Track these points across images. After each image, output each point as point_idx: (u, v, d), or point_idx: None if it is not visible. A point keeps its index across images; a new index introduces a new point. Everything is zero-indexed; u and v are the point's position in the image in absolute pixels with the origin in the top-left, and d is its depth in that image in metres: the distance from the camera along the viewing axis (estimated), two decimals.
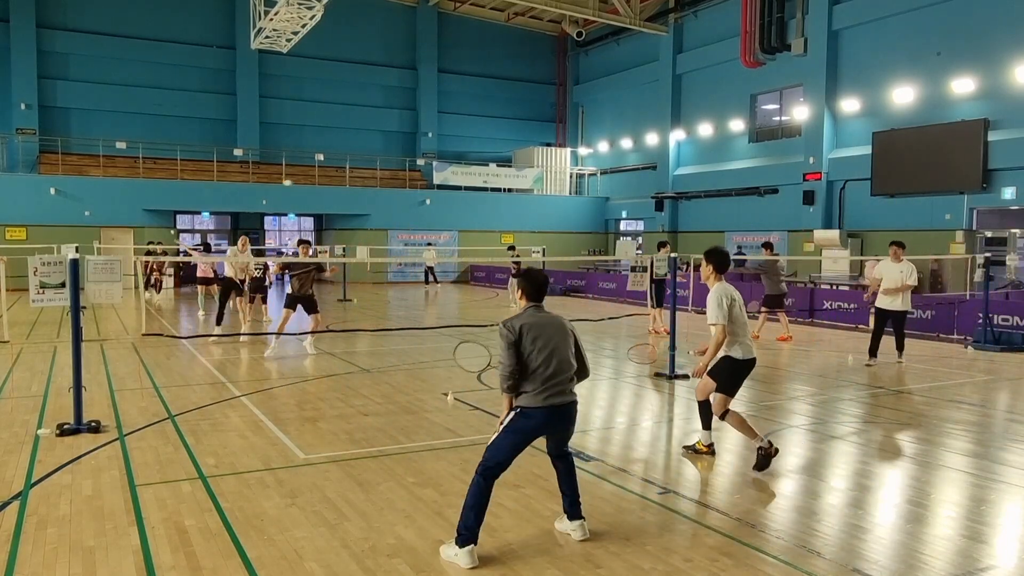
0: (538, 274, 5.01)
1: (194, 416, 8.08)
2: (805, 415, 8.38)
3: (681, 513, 5.33)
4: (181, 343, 13.65)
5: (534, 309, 4.89)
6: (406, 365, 11.61)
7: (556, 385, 4.71)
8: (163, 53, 31.04)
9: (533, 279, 4.94)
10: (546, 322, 4.84)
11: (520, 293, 4.95)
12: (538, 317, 4.85)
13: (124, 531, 4.92)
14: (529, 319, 4.81)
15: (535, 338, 4.73)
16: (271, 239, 35.05)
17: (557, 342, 4.77)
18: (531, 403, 4.68)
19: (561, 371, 4.75)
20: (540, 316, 4.86)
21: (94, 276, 7.83)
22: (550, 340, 4.76)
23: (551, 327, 4.82)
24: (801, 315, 17.97)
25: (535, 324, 4.79)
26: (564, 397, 4.75)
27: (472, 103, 36.93)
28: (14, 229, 25.99)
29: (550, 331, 4.80)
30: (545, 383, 4.68)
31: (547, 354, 4.70)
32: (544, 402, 4.67)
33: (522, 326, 4.73)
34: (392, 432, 7.47)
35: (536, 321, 4.81)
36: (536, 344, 4.72)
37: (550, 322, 4.85)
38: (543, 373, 4.68)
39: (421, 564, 4.45)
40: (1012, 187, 20.38)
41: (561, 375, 4.74)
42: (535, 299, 4.92)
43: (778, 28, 25.69)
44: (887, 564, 4.50)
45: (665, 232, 30.90)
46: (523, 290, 4.93)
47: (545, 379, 4.68)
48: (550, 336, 4.77)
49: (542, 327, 4.79)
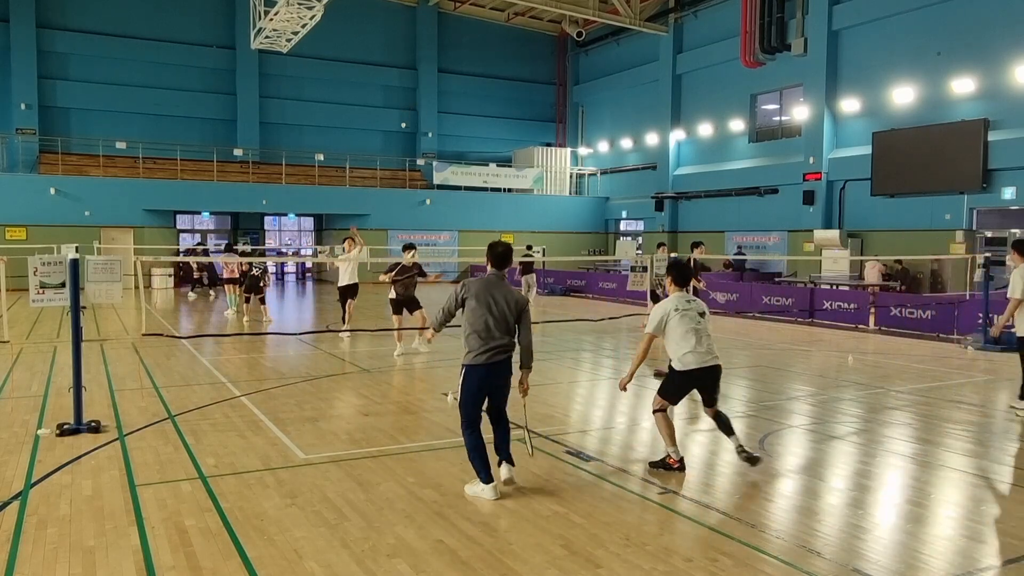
0: (498, 244, 5.86)
1: (194, 416, 8.08)
2: (805, 415, 8.38)
3: (681, 513, 5.33)
4: (181, 343, 13.65)
5: (495, 277, 5.72)
6: (406, 365, 11.61)
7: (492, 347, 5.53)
8: (163, 53, 31.02)
9: (492, 248, 5.83)
10: (497, 291, 5.61)
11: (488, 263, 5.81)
12: (489, 284, 5.65)
13: (124, 531, 4.92)
14: (480, 284, 5.63)
15: (477, 302, 5.57)
16: (271, 239, 35.05)
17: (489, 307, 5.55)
18: (472, 361, 5.58)
19: (492, 335, 5.53)
20: (492, 284, 5.66)
21: (94, 276, 7.83)
22: (487, 305, 5.55)
23: (494, 294, 5.59)
24: (801, 315, 17.97)
25: (483, 290, 5.60)
26: (498, 356, 5.56)
27: (472, 103, 36.92)
28: (14, 229, 25.99)
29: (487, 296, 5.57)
30: (482, 344, 5.53)
31: (482, 317, 5.53)
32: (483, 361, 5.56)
33: (472, 286, 5.63)
34: (392, 432, 7.47)
35: (485, 288, 5.61)
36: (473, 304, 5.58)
37: (496, 290, 5.62)
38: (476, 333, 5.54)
39: (421, 564, 4.45)
40: (1012, 187, 20.38)
41: (493, 339, 5.53)
42: (496, 267, 5.76)
43: (778, 28, 25.68)
44: (887, 564, 4.50)
45: (665, 232, 30.90)
46: (488, 259, 5.80)
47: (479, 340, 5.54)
48: (489, 302, 5.56)
49: (490, 293, 5.59)
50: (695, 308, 6.24)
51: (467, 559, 4.52)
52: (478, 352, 5.55)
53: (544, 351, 13.43)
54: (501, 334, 5.56)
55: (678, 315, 6.14)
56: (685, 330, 6.10)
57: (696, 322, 6.14)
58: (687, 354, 6.10)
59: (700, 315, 6.21)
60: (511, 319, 5.61)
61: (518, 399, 5.86)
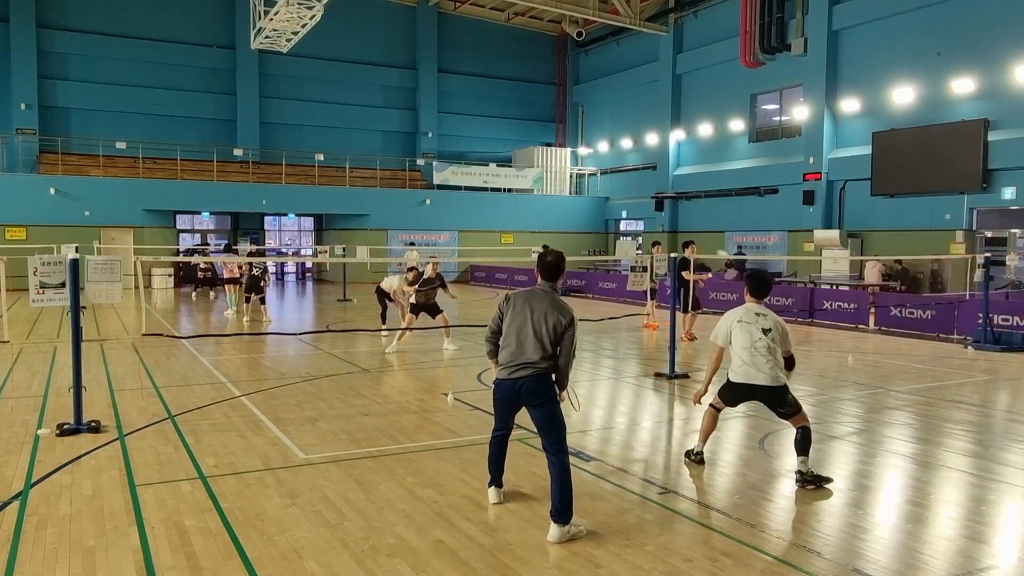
0: (547, 253, 5.31)
1: (194, 416, 8.08)
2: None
3: (681, 513, 5.33)
4: (181, 343, 13.65)
5: (541, 290, 5.22)
6: (406, 365, 11.62)
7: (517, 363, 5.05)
8: (163, 53, 31.02)
9: (541, 258, 5.30)
10: (539, 305, 5.09)
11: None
12: (531, 296, 5.17)
13: (124, 531, 4.92)
14: (522, 296, 5.20)
15: (513, 314, 5.16)
16: (271, 239, 35.04)
17: (523, 321, 5.07)
18: (497, 375, 5.20)
19: (523, 350, 5.04)
20: (534, 296, 5.16)
21: (94, 276, 7.83)
22: (523, 318, 5.08)
23: (534, 307, 5.09)
24: (801, 315, 17.97)
25: (523, 301, 5.16)
26: (520, 372, 5.04)
27: (472, 103, 36.92)
28: (14, 229, 25.98)
29: (524, 308, 5.11)
30: (508, 358, 5.08)
31: (515, 331, 5.08)
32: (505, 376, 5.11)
33: (513, 298, 5.21)
34: (392, 432, 7.47)
35: (526, 300, 5.16)
36: (509, 318, 5.17)
37: (538, 303, 5.10)
38: (508, 347, 5.10)
39: (421, 564, 4.45)
40: (1012, 187, 20.38)
41: (522, 355, 5.03)
42: (545, 278, 5.26)
43: (778, 28, 25.68)
44: (887, 564, 4.50)
45: (665, 232, 30.90)
46: (537, 269, 5.32)
47: (508, 354, 5.08)
48: (526, 315, 5.08)
49: (530, 306, 5.10)
50: (760, 323, 5.98)
51: (467, 559, 4.52)
52: (503, 366, 5.10)
53: None
54: (535, 351, 4.99)
55: (739, 327, 6.00)
56: (742, 345, 5.96)
57: (755, 338, 5.92)
58: (738, 366, 5.98)
59: (764, 331, 5.94)
60: (548, 337, 5.00)
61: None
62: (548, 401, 5.04)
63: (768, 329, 5.96)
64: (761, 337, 5.94)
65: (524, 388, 5.02)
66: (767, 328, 5.97)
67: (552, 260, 5.23)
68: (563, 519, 4.80)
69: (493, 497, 5.48)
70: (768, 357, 5.89)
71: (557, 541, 4.75)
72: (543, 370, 5.02)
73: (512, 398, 5.12)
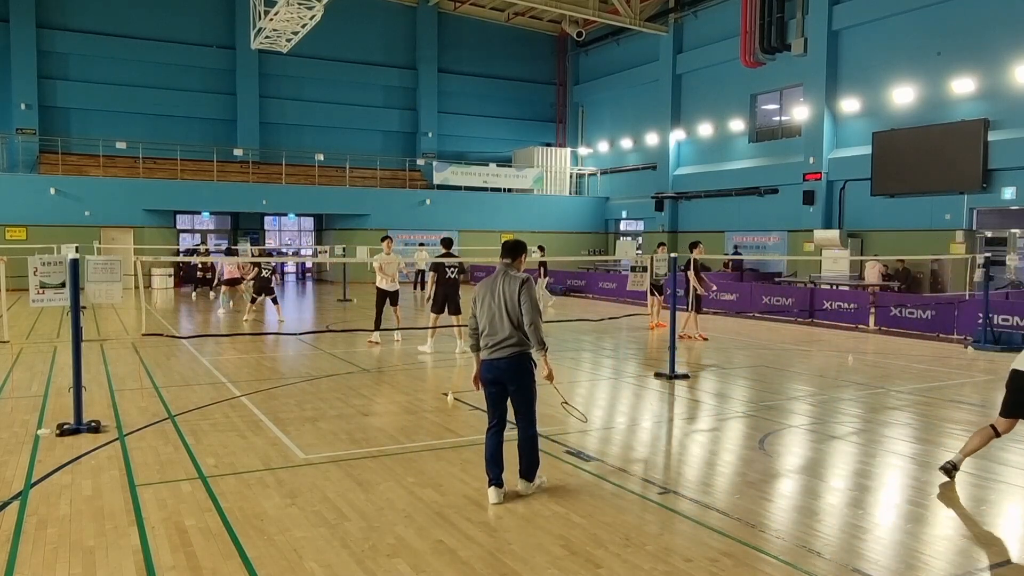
0: (509, 240, 5.81)
1: (194, 416, 8.08)
2: (805, 415, 8.38)
3: (681, 513, 5.33)
4: (181, 343, 13.65)
5: (500, 269, 5.60)
6: (406, 365, 11.61)
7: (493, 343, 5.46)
8: (163, 53, 31.04)
9: (505, 242, 5.75)
10: (494, 284, 5.52)
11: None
12: (494, 278, 5.56)
13: (124, 531, 4.92)
14: (485, 281, 5.63)
15: (480, 298, 5.56)
16: (271, 239, 35.05)
17: (489, 303, 5.49)
18: (480, 357, 5.58)
19: (495, 330, 5.45)
20: (497, 277, 5.55)
21: (94, 276, 7.83)
22: (489, 302, 5.49)
23: (494, 288, 5.50)
24: (801, 315, 17.97)
25: (486, 284, 5.57)
26: (498, 352, 5.43)
27: (472, 103, 36.93)
28: (14, 229, 25.99)
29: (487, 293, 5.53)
30: (485, 339, 5.51)
31: (486, 315, 5.50)
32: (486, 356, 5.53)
33: (479, 286, 5.64)
34: (392, 432, 7.47)
35: (490, 282, 5.56)
36: (479, 307, 5.57)
37: (497, 283, 5.51)
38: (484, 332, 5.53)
39: (421, 564, 4.45)
40: (1012, 187, 20.39)
41: (496, 334, 5.44)
42: (504, 257, 5.64)
43: (778, 28, 25.70)
44: (887, 564, 4.50)
45: (665, 232, 30.90)
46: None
47: (486, 338, 5.51)
48: (490, 298, 5.49)
49: (492, 287, 5.52)
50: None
51: (467, 559, 4.52)
52: (484, 349, 5.52)
53: None
54: (505, 328, 5.39)
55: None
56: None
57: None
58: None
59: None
60: (514, 308, 5.38)
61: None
62: (525, 382, 5.50)
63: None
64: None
65: (504, 368, 5.44)
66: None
67: (511, 243, 5.72)
68: (530, 478, 5.64)
69: (493, 497, 5.46)
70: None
71: (526, 493, 5.60)
72: (519, 349, 5.43)
73: (495, 380, 5.51)
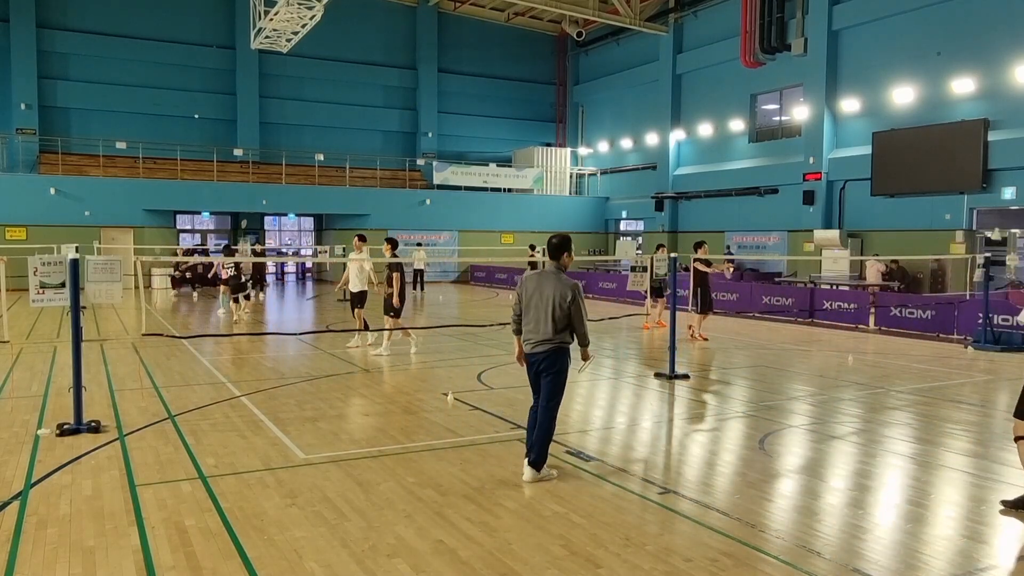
0: (554, 236, 6.03)
1: (194, 416, 8.08)
2: (805, 415, 8.38)
3: (681, 513, 5.33)
4: (181, 343, 13.64)
5: (548, 270, 5.92)
6: (406, 365, 11.61)
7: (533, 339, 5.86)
8: (163, 53, 31.03)
9: (549, 241, 6.02)
10: (544, 283, 5.84)
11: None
12: (541, 277, 5.90)
13: (124, 531, 4.92)
14: (532, 278, 5.95)
15: (526, 295, 5.92)
16: (271, 239, 35.05)
17: (536, 302, 5.82)
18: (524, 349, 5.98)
19: (539, 328, 5.81)
20: (543, 276, 5.88)
21: (94, 276, 7.83)
22: (537, 299, 5.83)
23: (544, 288, 5.82)
24: (801, 315, 17.97)
25: (533, 283, 5.91)
26: (539, 347, 5.83)
27: (472, 103, 36.92)
28: (14, 229, 25.99)
29: (536, 290, 5.85)
30: (526, 334, 5.92)
31: (532, 310, 5.86)
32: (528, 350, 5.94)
33: (525, 281, 5.98)
34: (392, 432, 7.47)
35: (536, 281, 5.90)
36: (526, 298, 5.92)
37: (547, 283, 5.82)
38: (527, 325, 5.91)
39: (421, 564, 4.45)
40: (1012, 187, 20.38)
41: (539, 331, 5.81)
42: (551, 257, 5.97)
43: (778, 28, 25.69)
44: (887, 564, 4.50)
45: (665, 232, 30.90)
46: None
47: (529, 331, 5.90)
48: (538, 296, 5.82)
49: (539, 286, 5.85)
50: None
51: (467, 559, 4.52)
52: (526, 341, 5.92)
53: None
54: (548, 328, 5.77)
55: None
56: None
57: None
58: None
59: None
60: (559, 313, 5.74)
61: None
62: (558, 374, 5.86)
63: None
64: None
65: (542, 361, 5.85)
66: None
67: (556, 241, 5.96)
68: (538, 468, 5.88)
69: (527, 475, 5.81)
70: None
71: (531, 480, 5.82)
72: (557, 344, 5.80)
73: (534, 369, 5.92)
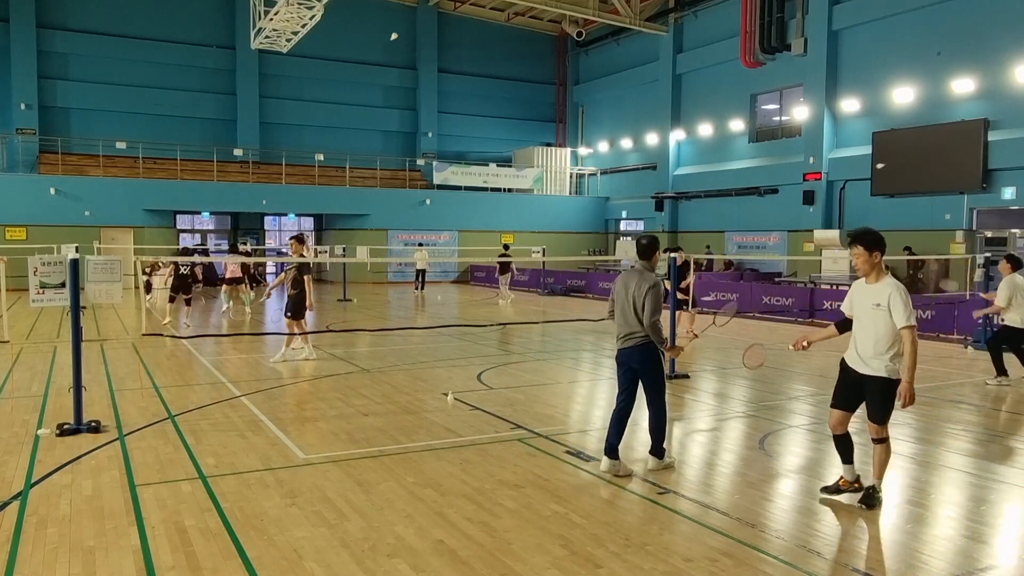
0: (642, 238, 6.27)
1: (194, 416, 8.08)
2: (805, 415, 8.38)
3: (681, 513, 5.33)
4: (181, 343, 13.64)
5: (635, 268, 6.17)
6: (406, 365, 11.61)
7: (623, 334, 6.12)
8: (163, 53, 31.01)
9: (637, 242, 6.30)
10: (629, 280, 6.09)
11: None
12: (627, 275, 6.17)
13: (124, 531, 4.92)
14: (621, 276, 6.24)
15: (616, 293, 6.21)
16: (271, 239, 35.05)
17: (623, 298, 6.08)
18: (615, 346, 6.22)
19: (626, 323, 6.06)
20: (629, 274, 6.15)
21: (94, 276, 7.83)
22: (622, 296, 6.09)
23: (628, 284, 6.06)
24: (801, 315, 17.97)
25: (620, 281, 6.19)
26: (627, 343, 6.07)
27: (472, 103, 36.91)
28: (14, 229, 25.98)
29: (623, 287, 6.11)
30: (617, 330, 6.18)
31: (619, 307, 6.13)
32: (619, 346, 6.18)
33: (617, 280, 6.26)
34: (392, 432, 7.47)
35: (623, 279, 6.18)
36: (615, 296, 6.21)
37: (631, 280, 6.07)
38: (617, 322, 6.18)
39: (421, 564, 4.45)
40: (1012, 187, 20.38)
41: (626, 327, 6.06)
42: (640, 257, 6.20)
43: (778, 28, 25.69)
44: (887, 564, 4.50)
45: (665, 232, 30.89)
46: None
47: (618, 328, 6.17)
48: (623, 293, 6.08)
49: (625, 283, 6.10)
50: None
51: (467, 559, 4.52)
52: (616, 337, 6.17)
53: (544, 351, 13.43)
54: (633, 322, 5.99)
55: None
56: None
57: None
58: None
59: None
60: (640, 307, 5.94)
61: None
62: (651, 369, 6.06)
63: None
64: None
65: (633, 355, 6.06)
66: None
67: (645, 242, 6.21)
68: (659, 455, 6.21)
69: (603, 465, 6.09)
70: None
71: (654, 468, 6.15)
72: (645, 340, 5.99)
73: (625, 363, 6.12)
